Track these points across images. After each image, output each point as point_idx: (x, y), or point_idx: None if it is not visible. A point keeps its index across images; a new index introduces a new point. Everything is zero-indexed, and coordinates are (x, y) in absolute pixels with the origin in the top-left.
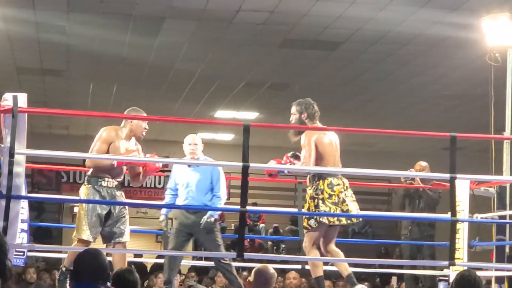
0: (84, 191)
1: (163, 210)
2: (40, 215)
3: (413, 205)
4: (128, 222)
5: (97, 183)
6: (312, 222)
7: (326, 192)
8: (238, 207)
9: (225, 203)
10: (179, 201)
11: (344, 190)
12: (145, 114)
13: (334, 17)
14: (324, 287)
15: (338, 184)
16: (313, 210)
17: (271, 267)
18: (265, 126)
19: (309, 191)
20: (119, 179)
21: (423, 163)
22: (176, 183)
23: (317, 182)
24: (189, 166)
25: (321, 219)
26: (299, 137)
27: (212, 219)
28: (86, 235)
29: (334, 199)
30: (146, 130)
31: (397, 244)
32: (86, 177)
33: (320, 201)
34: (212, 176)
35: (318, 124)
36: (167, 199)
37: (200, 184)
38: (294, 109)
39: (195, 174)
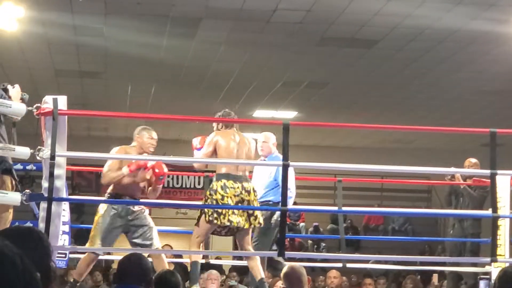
0: (102, 207)
1: None
2: (80, 217)
3: (459, 202)
4: (154, 230)
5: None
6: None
7: (219, 193)
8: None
9: (265, 203)
10: None
11: (240, 194)
12: (153, 132)
13: (371, 15)
14: (197, 273)
15: (233, 187)
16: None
17: (297, 265)
18: (305, 125)
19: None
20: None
21: (472, 160)
22: None
23: (212, 183)
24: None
25: (210, 218)
26: None
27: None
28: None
29: (226, 201)
30: (153, 146)
31: (439, 242)
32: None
33: (214, 202)
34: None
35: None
36: None
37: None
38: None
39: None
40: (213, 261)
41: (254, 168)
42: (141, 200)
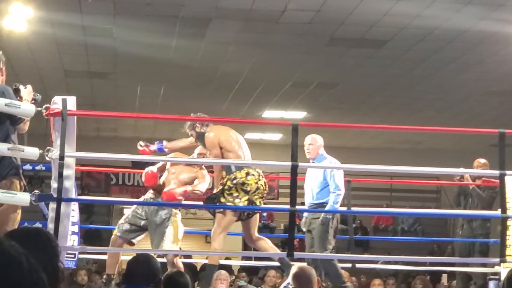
0: None
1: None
2: (90, 218)
3: (468, 203)
4: (168, 235)
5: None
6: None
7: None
8: (288, 206)
9: (274, 203)
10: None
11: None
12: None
13: (380, 15)
14: (212, 276)
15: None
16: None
17: (307, 266)
18: (314, 125)
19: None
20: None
21: (481, 160)
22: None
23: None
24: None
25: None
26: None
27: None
28: (117, 230)
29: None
30: None
31: (449, 242)
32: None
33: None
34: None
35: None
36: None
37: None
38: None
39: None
40: (222, 261)
41: (307, 172)
42: (146, 201)
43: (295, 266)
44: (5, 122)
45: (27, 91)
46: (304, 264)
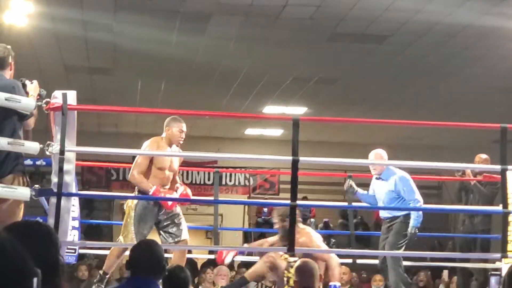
0: (132, 202)
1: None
2: (91, 213)
3: (469, 198)
4: (183, 220)
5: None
6: None
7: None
8: (288, 201)
9: (275, 198)
10: None
11: None
12: (183, 124)
13: (381, 10)
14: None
15: None
16: None
17: (310, 260)
18: (315, 120)
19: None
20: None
21: (483, 156)
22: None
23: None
24: (377, 178)
25: None
26: None
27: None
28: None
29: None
30: (182, 139)
31: (450, 238)
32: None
33: None
34: (396, 184)
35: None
36: None
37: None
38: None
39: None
40: None
41: (374, 185)
42: (150, 196)
43: (299, 260)
44: (12, 117)
45: (33, 87)
46: (307, 259)
